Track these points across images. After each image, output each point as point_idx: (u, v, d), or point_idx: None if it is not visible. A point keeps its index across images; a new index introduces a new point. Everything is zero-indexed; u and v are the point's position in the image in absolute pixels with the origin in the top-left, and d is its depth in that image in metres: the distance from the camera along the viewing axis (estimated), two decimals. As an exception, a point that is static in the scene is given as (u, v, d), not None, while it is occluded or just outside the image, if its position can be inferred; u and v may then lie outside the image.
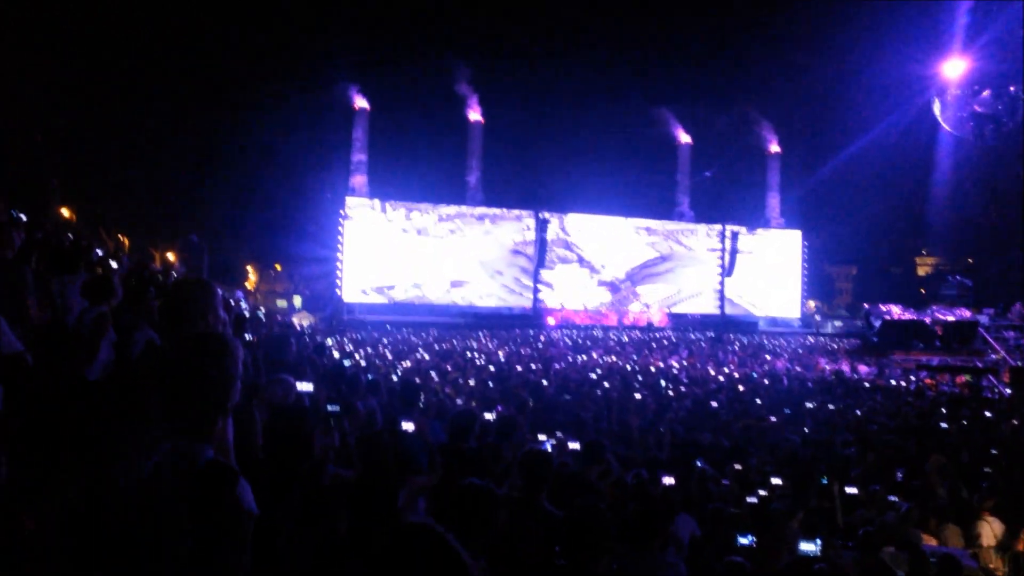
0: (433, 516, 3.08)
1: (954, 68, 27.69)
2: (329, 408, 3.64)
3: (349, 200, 42.37)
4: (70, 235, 12.49)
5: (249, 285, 53.05)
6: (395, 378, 12.67)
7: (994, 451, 10.03)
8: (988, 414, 13.92)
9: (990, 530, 6.87)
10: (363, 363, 13.11)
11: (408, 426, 3.92)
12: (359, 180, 43.50)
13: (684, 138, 49.71)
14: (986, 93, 34.27)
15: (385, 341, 25.88)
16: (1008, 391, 21.07)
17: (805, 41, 45.85)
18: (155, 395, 2.00)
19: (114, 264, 7.81)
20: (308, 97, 43.56)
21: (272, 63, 45.76)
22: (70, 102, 35.50)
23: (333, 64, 42.55)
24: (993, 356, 30.45)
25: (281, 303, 50.05)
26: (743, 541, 4.27)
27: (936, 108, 36.65)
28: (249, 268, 54.14)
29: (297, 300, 49.72)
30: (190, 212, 43.42)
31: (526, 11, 50.79)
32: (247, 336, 5.33)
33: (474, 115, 45.69)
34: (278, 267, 55.67)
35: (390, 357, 19.75)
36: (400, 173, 43.69)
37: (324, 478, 2.96)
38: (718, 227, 48.74)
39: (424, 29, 46.25)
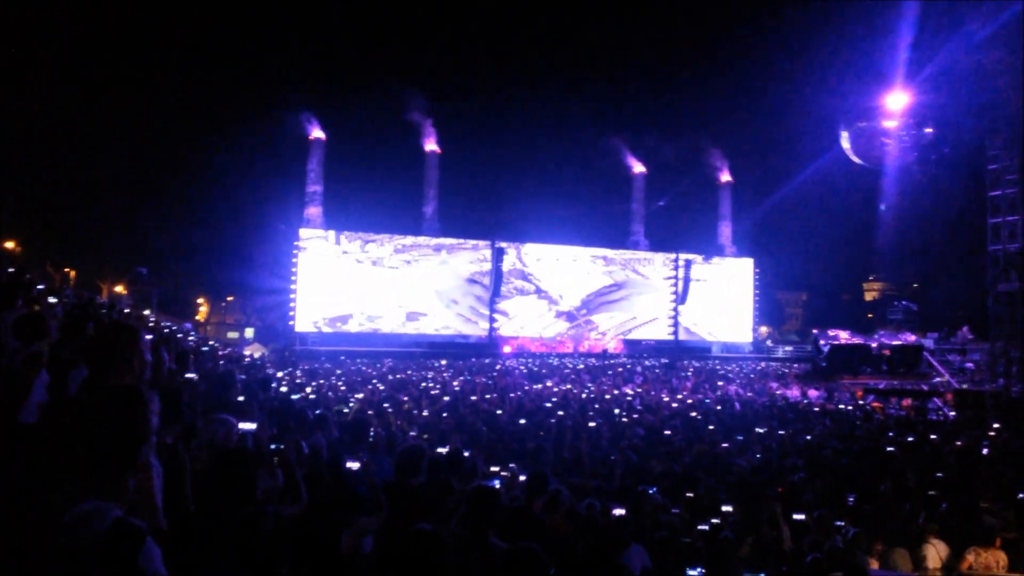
0: (380, 559, 3.04)
1: (897, 100, 28.61)
2: (272, 447, 3.58)
3: (303, 231, 42.01)
4: (11, 269, 12.18)
5: (200, 317, 52.19)
6: (347, 410, 12.53)
7: (939, 474, 10.23)
8: (933, 437, 14.22)
9: (935, 553, 6.99)
10: (313, 396, 12.94)
11: (353, 465, 3.87)
12: (314, 211, 43.20)
13: (638, 168, 50.46)
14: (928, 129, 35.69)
15: (338, 372, 25.58)
16: (952, 414, 21.58)
17: (754, 72, 47.13)
18: (69, 450, 1.93)
19: (53, 300, 7.62)
20: (262, 127, 43.41)
21: (226, 93, 45.52)
22: (18, 132, 34.80)
23: (288, 94, 42.58)
24: (938, 379, 31.21)
25: (232, 335, 49.30)
26: (692, 574, 4.28)
27: (844, 140, 37.97)
28: (200, 300, 53.31)
29: (249, 332, 49.04)
30: (140, 244, 42.76)
31: (482, 43, 51.46)
32: (189, 375, 5.23)
33: (430, 145, 45.85)
34: (230, 299, 54.89)
35: (343, 389, 19.52)
36: (356, 204, 43.64)
37: (266, 522, 2.90)
38: (672, 255, 49.42)
39: (380, 60, 46.58)
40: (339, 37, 48.10)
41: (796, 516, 6.89)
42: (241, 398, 5.13)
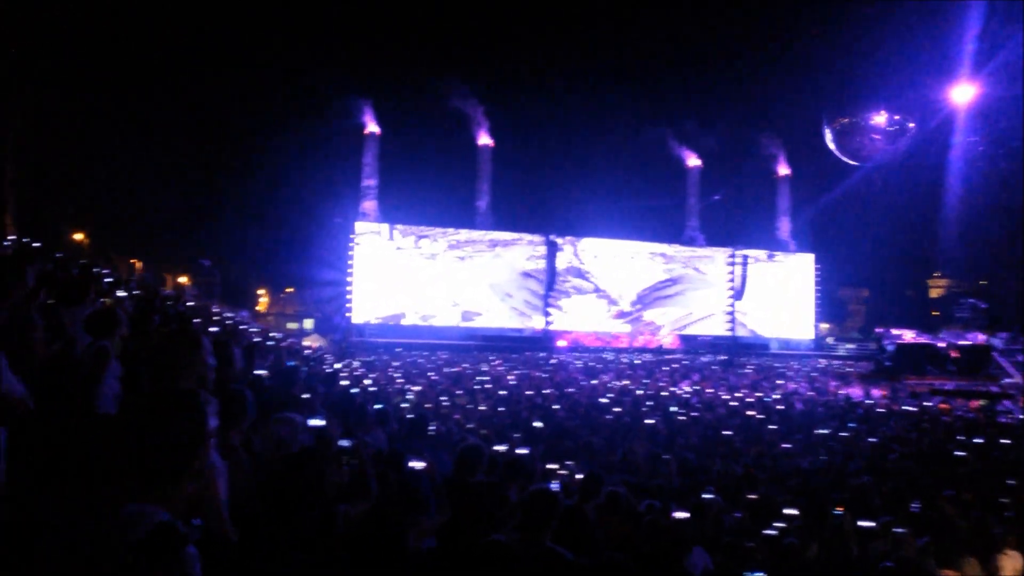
0: (447, 563, 3.02)
1: (963, 93, 27.67)
2: (341, 443, 3.56)
3: (359, 225, 42.58)
4: (81, 262, 12.57)
5: (261, 307, 53.29)
6: (406, 404, 12.62)
7: (1011, 480, 9.85)
8: (1005, 441, 13.72)
9: (1011, 564, 6.73)
10: (373, 389, 13.06)
11: (418, 464, 3.86)
12: (369, 205, 43.76)
13: (693, 161, 49.75)
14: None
15: (395, 364, 25.82)
16: (1023, 417, 20.81)
17: (815, 63, 45.90)
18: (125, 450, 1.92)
19: (121, 293, 7.81)
20: (320, 121, 43.91)
21: (284, 87, 46.22)
22: (85, 128, 35.92)
23: (344, 88, 42.92)
24: (1008, 380, 30.12)
25: (292, 325, 50.20)
26: (754, 579, 4.17)
27: (827, 136, 37.06)
28: (261, 291, 54.40)
29: (308, 323, 49.86)
30: (203, 236, 43.70)
31: (536, 35, 51.22)
32: (257, 371, 5.28)
33: (483, 139, 45.94)
34: (289, 290, 55.89)
35: (400, 381, 19.69)
36: (410, 198, 43.91)
37: (337, 523, 2.89)
38: (729, 250, 48.65)
39: (434, 53, 46.63)
40: (394, 32, 48.39)
41: (863, 523, 6.69)
42: (306, 395, 5.18)
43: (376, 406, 7.05)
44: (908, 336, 35.51)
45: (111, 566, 1.69)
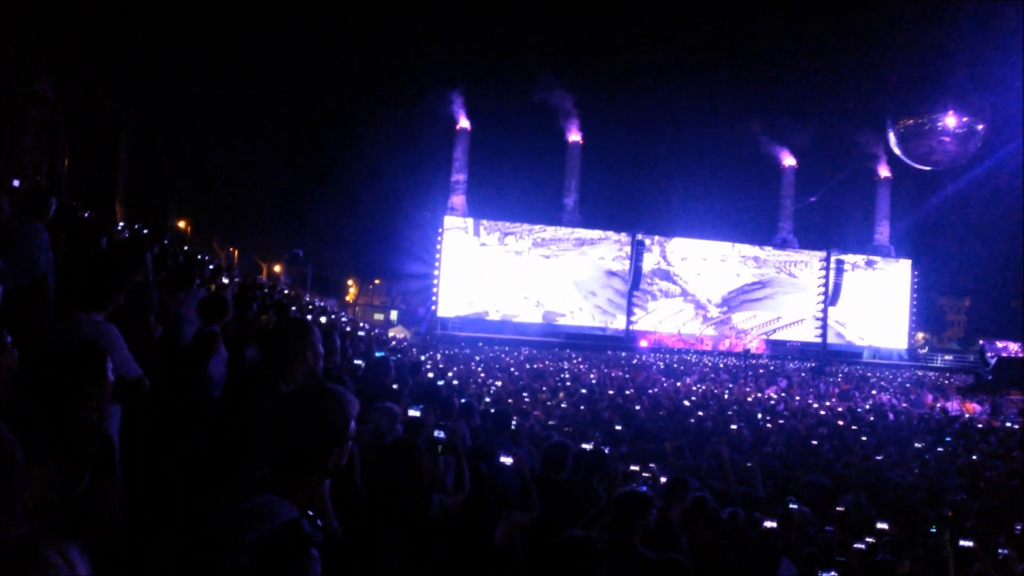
0: (531, 559, 3.06)
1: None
2: (436, 435, 3.62)
3: (447, 219, 43.15)
4: (185, 248, 13.18)
5: (349, 297, 54.67)
6: (487, 399, 12.75)
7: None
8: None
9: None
10: (456, 382, 13.24)
11: (507, 459, 3.91)
12: (458, 199, 44.32)
13: (788, 160, 48.45)
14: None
15: (477, 359, 26.08)
16: None
17: (918, 63, 44.06)
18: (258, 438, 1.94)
19: (225, 279, 8.15)
20: (412, 115, 44.69)
21: (378, 82, 47.11)
22: (190, 120, 37.49)
23: (437, 83, 43.50)
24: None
25: (378, 316, 51.32)
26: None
27: (891, 140, 35.11)
28: (350, 281, 55.79)
29: (393, 314, 50.88)
30: (296, 226, 45.03)
31: (628, 32, 50.73)
32: (357, 361, 5.43)
33: (573, 136, 45.86)
34: (377, 281, 57.10)
35: (483, 375, 19.89)
36: (498, 193, 44.30)
37: (432, 511, 2.94)
38: (823, 254, 47.21)
39: (525, 50, 46.68)
40: (487, 28, 48.71)
41: (963, 542, 6.41)
42: (395, 385, 5.29)
43: (462, 399, 7.15)
44: (1012, 349, 33.76)
45: (235, 557, 1.66)
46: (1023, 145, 38.52)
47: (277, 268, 44.95)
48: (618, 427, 11.72)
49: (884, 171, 48.42)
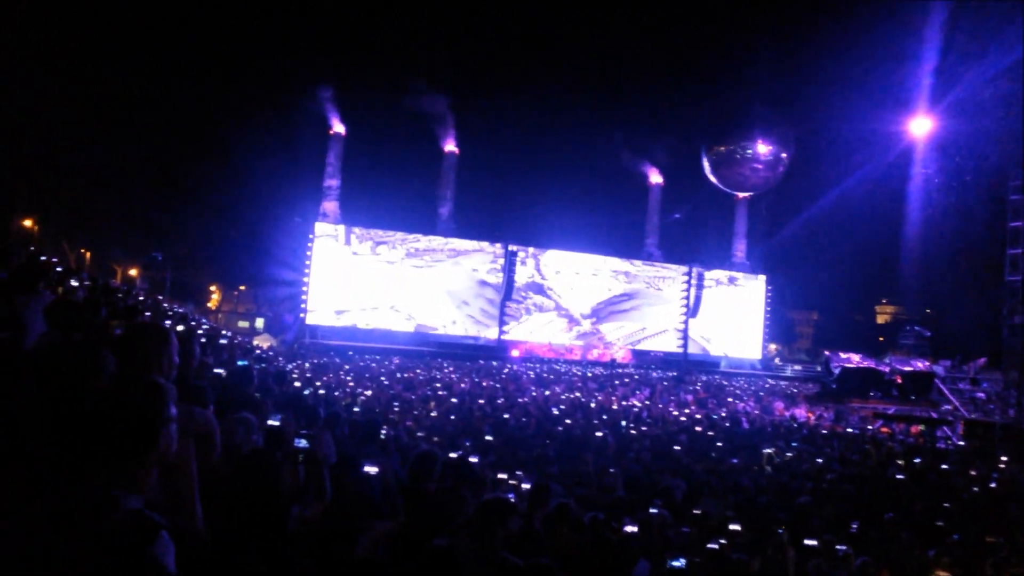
0: (395, 570, 3.03)
1: (921, 126, 28.50)
2: (296, 444, 3.53)
3: (318, 226, 42.13)
4: (31, 248, 12.27)
5: (212, 304, 52.47)
6: (357, 408, 12.54)
7: (947, 504, 10.16)
8: (944, 466, 14.12)
9: (942, 585, 6.93)
10: (323, 392, 12.95)
11: (372, 469, 3.85)
12: (330, 206, 43.34)
13: (655, 178, 50.36)
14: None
15: (347, 367, 25.62)
16: (961, 443, 21.43)
17: (777, 92, 46.93)
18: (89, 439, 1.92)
19: (75, 283, 7.65)
20: (283, 117, 43.52)
21: (249, 83, 45.62)
22: (38, 112, 35.03)
23: (310, 86, 42.48)
24: (948, 407, 30.98)
25: (243, 324, 49.50)
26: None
27: (704, 163, 38.19)
28: (213, 287, 53.57)
29: (259, 322, 49.23)
30: (155, 229, 42.82)
31: (507, 46, 51.44)
32: (217, 370, 5.22)
33: (449, 146, 45.93)
34: (242, 288, 55.11)
35: (351, 384, 19.55)
36: (372, 200, 43.71)
37: (291, 523, 2.87)
38: (685, 268, 49.36)
39: (402, 57, 46.50)
40: (363, 32, 48.18)
41: (807, 541, 6.84)
42: (259, 394, 5.12)
43: (327, 409, 7.01)
44: (855, 359, 36.33)
45: (86, 552, 1.68)
46: (868, 171, 41.66)
47: (133, 272, 42.59)
48: (488, 437, 11.80)
49: (742, 192, 51.13)
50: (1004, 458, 16.17)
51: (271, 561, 2.55)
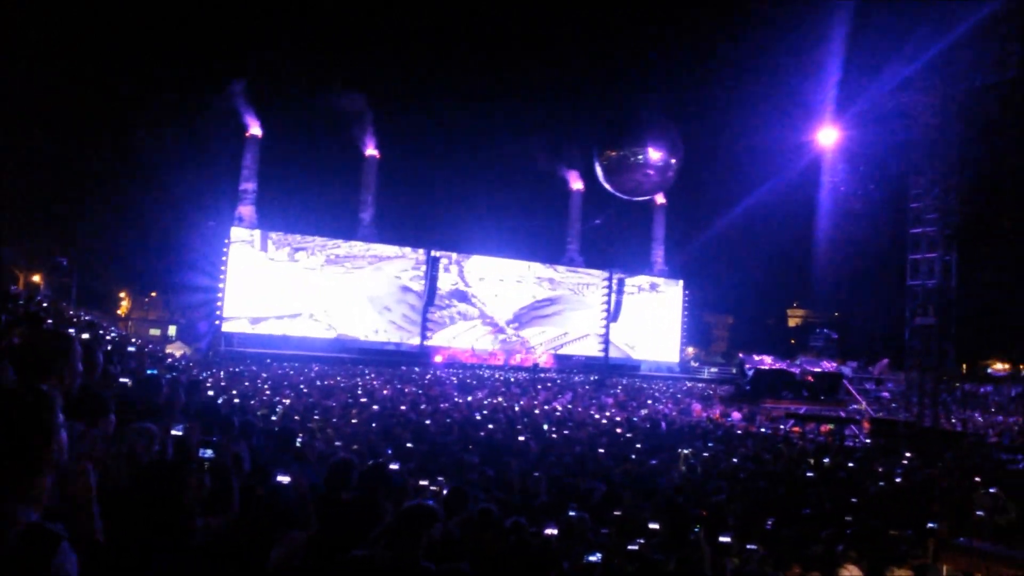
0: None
1: (827, 136, 29.63)
2: (201, 454, 3.42)
3: (233, 231, 41.00)
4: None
5: (121, 311, 50.50)
6: (274, 417, 12.25)
7: (854, 500, 10.55)
8: (851, 464, 14.66)
9: (849, 578, 7.19)
10: (238, 401, 12.62)
11: (284, 478, 3.76)
12: (246, 210, 42.20)
13: (576, 184, 50.94)
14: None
15: (264, 376, 25.02)
16: (868, 441, 22.32)
17: (691, 102, 48.19)
18: None
19: (-32, 289, 7.24)
20: (198, 119, 42.16)
21: (161, 82, 44.13)
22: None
23: (226, 87, 41.31)
24: (855, 407, 32.29)
25: (155, 332, 47.83)
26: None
27: (597, 168, 39.42)
28: (122, 294, 51.57)
29: (172, 329, 47.65)
30: (61, 232, 40.95)
31: (427, 50, 51.28)
32: (122, 379, 5.01)
33: (370, 150, 45.42)
34: (153, 294, 53.23)
35: (268, 393, 19.09)
36: (291, 205, 42.80)
37: (195, 536, 2.77)
38: (606, 274, 50.11)
39: (323, 59, 45.79)
40: (282, 33, 47.30)
41: (722, 538, 6.99)
42: (168, 403, 4.94)
43: (241, 417, 6.83)
44: (767, 362, 37.50)
45: None
46: (778, 181, 43.03)
47: (36, 278, 40.61)
48: (409, 444, 11.69)
49: (660, 198, 52.22)
50: (907, 455, 16.93)
51: (174, 572, 2.45)
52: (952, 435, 22.50)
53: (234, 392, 14.56)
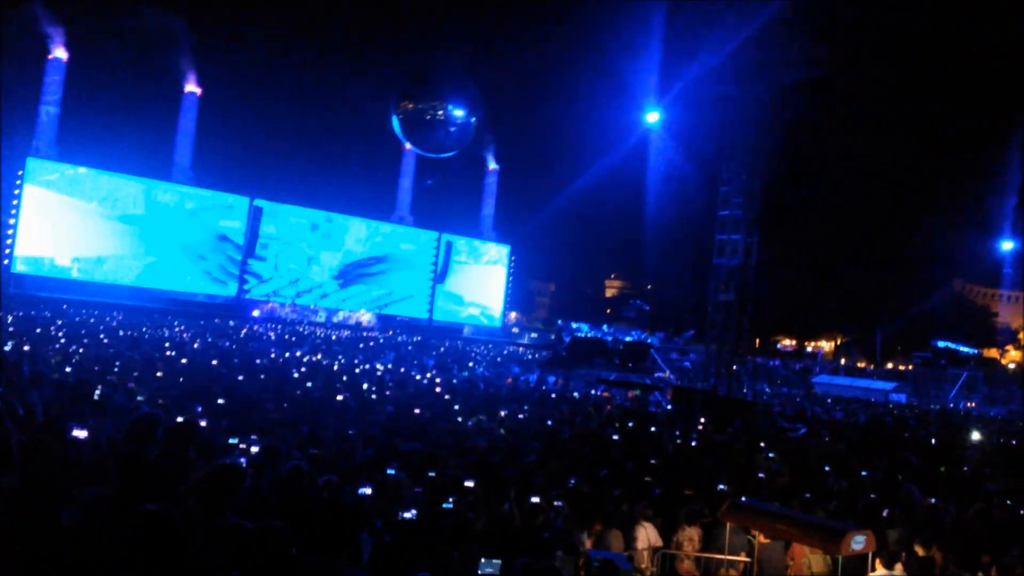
0: (106, 537, 2.79)
1: (651, 117, 31.00)
2: None
3: (30, 163, 37.13)
4: None
5: None
6: (68, 369, 11.37)
7: (653, 461, 11.29)
8: (653, 429, 15.65)
9: (645, 534, 7.73)
10: (27, 347, 11.59)
11: (80, 433, 3.51)
12: (46, 139, 38.27)
13: (409, 144, 50.33)
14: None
15: (59, 323, 23.08)
16: (669, 407, 23.87)
17: (529, 70, 48.82)
18: None
19: None
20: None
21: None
22: None
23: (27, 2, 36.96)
24: (660, 375, 34.45)
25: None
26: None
27: (395, 123, 40.53)
28: None
29: (-50, 268, 42.78)
30: None
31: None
32: None
33: (191, 86, 42.51)
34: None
35: (63, 341, 17.64)
36: (99, 140, 39.27)
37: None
38: (435, 234, 50.12)
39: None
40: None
41: (532, 499, 7.27)
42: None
43: (31, 366, 6.31)
44: (584, 329, 39.22)
45: None
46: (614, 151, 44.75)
47: None
48: (221, 400, 11.26)
49: (493, 164, 52.76)
50: (703, 420, 18.31)
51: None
52: (743, 404, 24.47)
53: (23, 339, 13.35)
